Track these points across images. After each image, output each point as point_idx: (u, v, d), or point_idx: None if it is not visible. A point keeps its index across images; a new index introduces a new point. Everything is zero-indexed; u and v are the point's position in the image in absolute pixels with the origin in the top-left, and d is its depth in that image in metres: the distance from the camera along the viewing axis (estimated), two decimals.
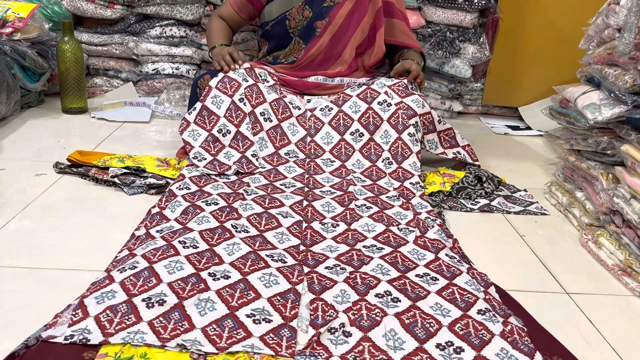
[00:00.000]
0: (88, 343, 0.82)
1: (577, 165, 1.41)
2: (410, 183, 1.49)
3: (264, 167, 1.51)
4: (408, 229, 1.24)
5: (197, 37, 2.26)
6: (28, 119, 1.95)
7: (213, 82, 1.58)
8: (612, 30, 1.32)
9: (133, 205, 1.33)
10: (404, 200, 1.39)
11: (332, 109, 1.64)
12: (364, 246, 1.15)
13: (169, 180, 1.43)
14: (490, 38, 2.23)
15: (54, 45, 2.09)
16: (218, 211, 1.23)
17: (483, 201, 1.47)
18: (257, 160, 1.52)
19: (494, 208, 1.44)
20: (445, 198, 1.47)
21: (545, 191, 1.58)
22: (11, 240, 1.14)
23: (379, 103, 1.61)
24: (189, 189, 1.35)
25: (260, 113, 1.59)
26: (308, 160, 1.57)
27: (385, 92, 1.62)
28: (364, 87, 1.67)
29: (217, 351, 0.82)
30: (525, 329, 0.91)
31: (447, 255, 1.13)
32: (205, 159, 1.49)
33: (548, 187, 1.57)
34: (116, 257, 1.07)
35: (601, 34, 1.39)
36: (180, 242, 1.08)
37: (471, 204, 1.46)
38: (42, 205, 1.30)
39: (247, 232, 1.17)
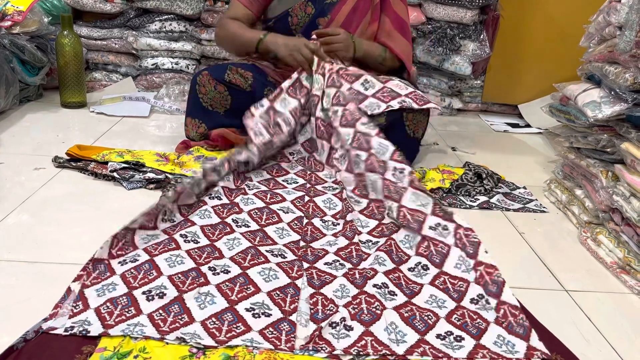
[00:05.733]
0: (88, 334, 0.82)
1: (576, 163, 1.41)
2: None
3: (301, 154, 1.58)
4: (392, 206, 1.25)
5: (197, 32, 2.26)
6: (27, 113, 1.94)
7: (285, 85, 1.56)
8: (613, 28, 1.32)
9: (132, 200, 1.33)
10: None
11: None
12: (361, 241, 1.16)
13: (168, 175, 1.43)
14: (491, 35, 2.23)
15: (53, 39, 2.09)
16: (220, 207, 1.24)
17: (482, 198, 1.47)
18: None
19: (493, 205, 1.44)
20: (444, 195, 1.47)
21: (544, 189, 1.58)
22: (10, 234, 1.14)
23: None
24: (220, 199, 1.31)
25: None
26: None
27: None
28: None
29: (216, 345, 0.82)
30: (519, 306, 0.93)
31: (430, 227, 1.14)
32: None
33: (547, 185, 1.57)
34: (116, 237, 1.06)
35: (602, 32, 1.39)
36: (181, 235, 1.09)
37: (470, 201, 1.46)
38: (40, 200, 1.30)
39: (248, 226, 1.17)
